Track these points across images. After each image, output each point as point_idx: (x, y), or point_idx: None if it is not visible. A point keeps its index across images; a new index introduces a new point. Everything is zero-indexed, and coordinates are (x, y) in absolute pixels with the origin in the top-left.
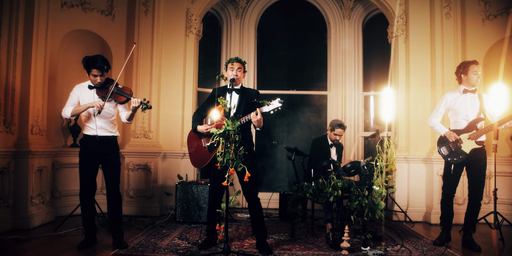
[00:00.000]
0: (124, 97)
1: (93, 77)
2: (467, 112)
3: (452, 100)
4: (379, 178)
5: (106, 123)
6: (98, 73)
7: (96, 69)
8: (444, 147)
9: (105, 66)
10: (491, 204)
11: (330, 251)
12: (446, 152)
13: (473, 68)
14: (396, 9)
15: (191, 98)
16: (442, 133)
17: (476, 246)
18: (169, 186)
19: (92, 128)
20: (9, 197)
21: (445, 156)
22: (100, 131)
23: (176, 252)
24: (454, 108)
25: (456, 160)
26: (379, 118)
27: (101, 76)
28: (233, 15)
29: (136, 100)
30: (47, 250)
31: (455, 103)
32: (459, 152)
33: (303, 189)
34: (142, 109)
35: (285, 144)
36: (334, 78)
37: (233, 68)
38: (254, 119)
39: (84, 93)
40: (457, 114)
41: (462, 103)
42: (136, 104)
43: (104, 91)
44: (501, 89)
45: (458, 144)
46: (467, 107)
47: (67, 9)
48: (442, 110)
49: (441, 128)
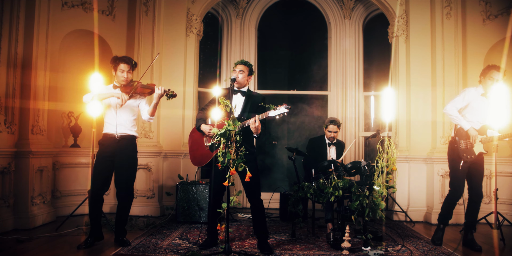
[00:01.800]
0: (149, 89)
1: (120, 73)
2: (481, 114)
3: (474, 97)
4: (379, 178)
5: (127, 121)
6: (126, 68)
7: (124, 64)
8: (463, 141)
9: (133, 61)
10: (491, 204)
11: (331, 251)
12: (463, 147)
13: (492, 73)
14: (396, 9)
15: (192, 98)
16: (467, 127)
17: (477, 245)
18: (169, 186)
19: (112, 124)
20: (10, 197)
21: (461, 150)
22: (120, 128)
23: (177, 252)
24: (474, 106)
25: (468, 158)
26: (380, 118)
27: (128, 72)
28: (233, 15)
29: (161, 87)
30: (48, 250)
31: (476, 102)
32: (471, 152)
33: (304, 189)
34: (167, 97)
35: (286, 144)
36: (334, 78)
37: (236, 70)
38: (252, 125)
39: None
40: (474, 113)
41: (481, 105)
42: (160, 91)
43: (129, 87)
44: (502, 89)
45: (474, 143)
46: (481, 110)
47: (68, 9)
48: (462, 104)
49: (464, 122)
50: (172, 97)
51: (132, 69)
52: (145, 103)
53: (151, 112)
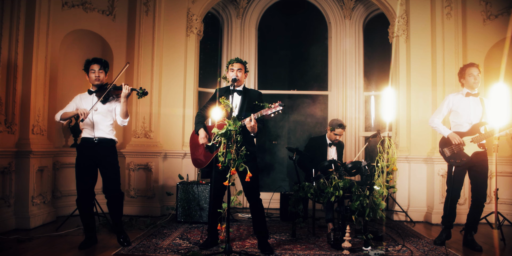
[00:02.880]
0: (120, 90)
1: (92, 74)
2: (470, 115)
3: (455, 102)
4: (380, 178)
5: (104, 126)
6: (97, 67)
7: (95, 64)
8: (446, 149)
9: (103, 60)
10: (492, 204)
11: (332, 251)
12: (448, 153)
13: (469, 70)
14: (397, 9)
15: (192, 98)
16: (446, 134)
17: (477, 246)
18: (170, 186)
19: (89, 130)
20: (10, 197)
21: (447, 157)
22: (98, 132)
23: (178, 252)
24: (458, 110)
25: (458, 162)
26: (380, 118)
27: (100, 71)
28: (234, 15)
29: (126, 86)
30: (48, 250)
31: (458, 106)
32: (461, 155)
33: (305, 189)
34: (138, 96)
35: (286, 144)
36: (334, 78)
37: (233, 69)
38: (248, 125)
39: (83, 100)
40: (459, 116)
41: (465, 106)
42: (126, 90)
43: (104, 91)
44: (502, 89)
45: (460, 146)
46: (470, 111)
47: (68, 9)
48: (444, 112)
49: (445, 130)
50: (143, 95)
51: (103, 69)
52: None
53: (121, 113)
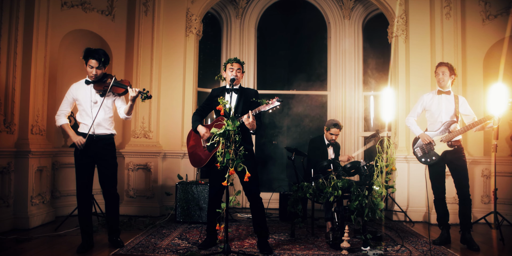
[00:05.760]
0: (122, 88)
1: (90, 69)
2: (441, 113)
3: (428, 100)
4: (379, 178)
5: (104, 120)
6: (95, 64)
7: (94, 60)
8: (418, 148)
9: (102, 58)
10: (491, 204)
11: (330, 251)
12: (420, 153)
13: (437, 69)
14: (396, 9)
15: (191, 98)
16: (417, 134)
17: (475, 245)
18: (169, 186)
19: (87, 125)
20: (9, 197)
21: (419, 157)
22: (97, 128)
23: (176, 252)
24: (430, 109)
25: (429, 161)
26: (379, 118)
27: (97, 69)
28: (233, 15)
29: (134, 89)
30: (47, 250)
31: (431, 104)
32: (432, 154)
33: (303, 189)
34: (142, 99)
35: (285, 144)
36: (334, 78)
37: (233, 68)
38: (246, 122)
39: (80, 91)
40: (432, 115)
41: (436, 105)
42: (134, 93)
43: (102, 85)
44: (501, 89)
45: (431, 146)
46: (441, 109)
47: (67, 9)
48: (419, 110)
49: (416, 129)
50: (147, 99)
51: (102, 65)
52: (121, 100)
53: (127, 112)
